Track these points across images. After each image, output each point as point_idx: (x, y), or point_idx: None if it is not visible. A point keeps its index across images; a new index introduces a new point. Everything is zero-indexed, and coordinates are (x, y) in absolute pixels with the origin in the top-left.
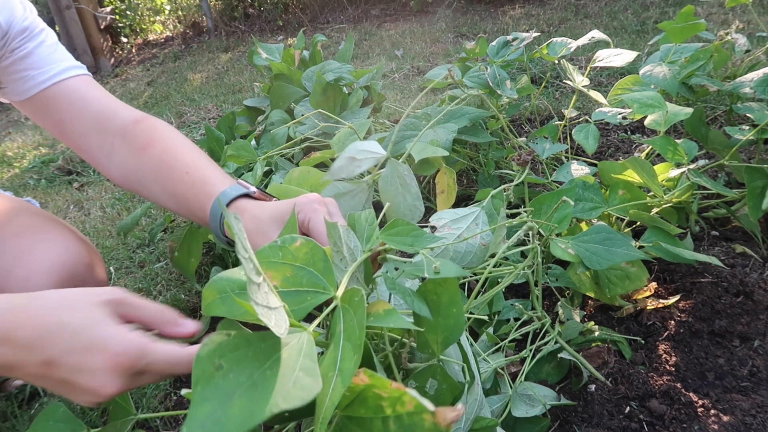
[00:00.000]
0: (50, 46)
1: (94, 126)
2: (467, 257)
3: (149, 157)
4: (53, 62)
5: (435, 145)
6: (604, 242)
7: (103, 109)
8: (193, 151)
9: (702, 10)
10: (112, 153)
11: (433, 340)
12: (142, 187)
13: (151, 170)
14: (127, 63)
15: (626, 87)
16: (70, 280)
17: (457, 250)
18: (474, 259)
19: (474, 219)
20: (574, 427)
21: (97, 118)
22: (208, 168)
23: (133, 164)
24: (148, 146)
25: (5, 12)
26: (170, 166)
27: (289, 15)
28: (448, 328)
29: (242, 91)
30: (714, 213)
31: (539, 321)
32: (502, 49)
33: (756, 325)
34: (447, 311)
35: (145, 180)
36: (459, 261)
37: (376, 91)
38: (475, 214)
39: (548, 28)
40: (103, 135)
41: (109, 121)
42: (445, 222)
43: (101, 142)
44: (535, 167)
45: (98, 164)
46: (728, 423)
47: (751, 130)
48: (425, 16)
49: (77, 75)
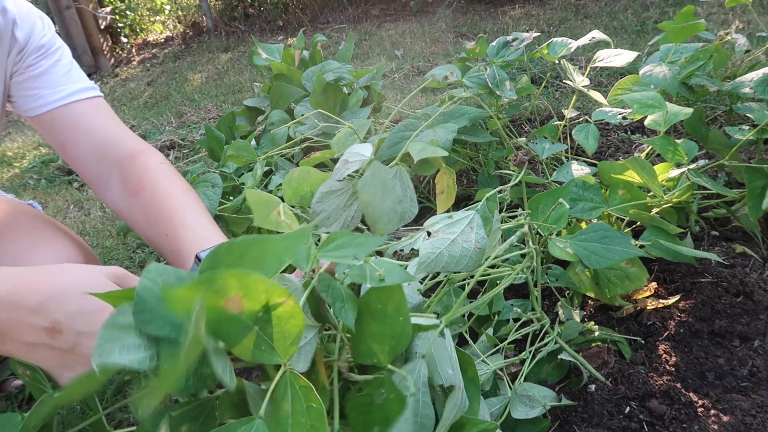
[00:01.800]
0: (65, 66)
1: (94, 154)
2: (463, 261)
3: (138, 205)
4: (65, 83)
5: (435, 145)
6: (603, 241)
7: (105, 138)
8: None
9: (702, 10)
10: (108, 185)
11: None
12: (132, 226)
13: (139, 218)
14: (127, 63)
15: (626, 87)
16: None
17: (452, 255)
18: (470, 262)
19: (468, 223)
20: (574, 427)
21: (97, 147)
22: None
23: (125, 206)
24: (139, 191)
25: (25, 27)
26: (153, 222)
27: (289, 15)
28: (395, 338)
29: (242, 91)
30: (714, 213)
31: (539, 322)
32: (502, 50)
33: (756, 325)
34: (393, 320)
35: (135, 224)
36: (455, 265)
37: (376, 91)
38: (470, 218)
39: (548, 28)
40: (101, 164)
41: (109, 151)
42: (440, 227)
43: (99, 171)
44: (535, 167)
45: (95, 190)
46: (728, 423)
47: (751, 130)
48: (425, 16)
49: (86, 98)
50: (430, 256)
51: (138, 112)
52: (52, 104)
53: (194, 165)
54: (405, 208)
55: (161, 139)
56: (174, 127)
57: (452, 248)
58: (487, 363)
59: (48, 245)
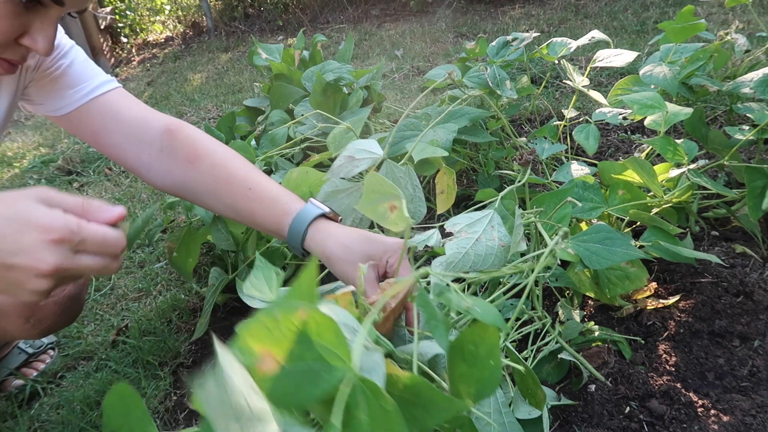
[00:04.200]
0: (82, 63)
1: (129, 137)
2: (489, 259)
3: (199, 172)
4: (86, 79)
5: (435, 145)
6: (604, 242)
7: (136, 119)
8: (244, 165)
9: (702, 10)
10: (151, 165)
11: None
12: (192, 196)
13: (204, 184)
14: (127, 63)
15: (626, 87)
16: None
17: (477, 254)
18: (495, 261)
19: (489, 221)
20: (574, 427)
21: (131, 129)
22: (269, 184)
23: (180, 176)
24: (196, 160)
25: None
26: (226, 182)
27: (289, 15)
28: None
29: (242, 91)
30: (714, 213)
31: (540, 321)
32: (502, 50)
33: (756, 325)
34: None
35: (197, 192)
36: (481, 264)
37: (376, 91)
38: (489, 217)
39: (548, 28)
40: (138, 145)
41: (143, 132)
42: (461, 227)
43: (138, 153)
44: (535, 167)
45: (138, 172)
46: (728, 423)
47: (751, 130)
48: (425, 16)
49: (109, 90)
50: (457, 255)
51: None
52: (79, 101)
53: None
54: (415, 207)
55: None
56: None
57: (477, 247)
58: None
59: None
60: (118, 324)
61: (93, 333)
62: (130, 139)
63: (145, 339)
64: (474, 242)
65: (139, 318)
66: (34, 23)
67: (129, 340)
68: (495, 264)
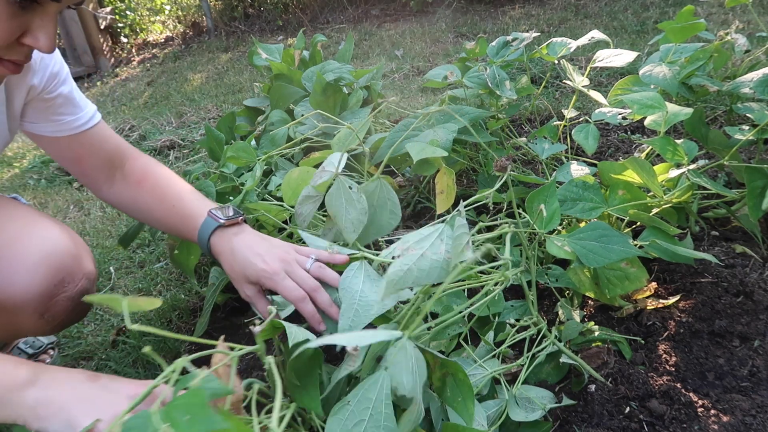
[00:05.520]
0: (77, 91)
1: (107, 163)
2: (433, 273)
3: (143, 192)
4: (81, 110)
5: (435, 145)
6: (601, 239)
7: (113, 151)
8: (177, 184)
9: (702, 10)
10: (113, 184)
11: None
12: (137, 214)
13: (145, 203)
14: (127, 63)
15: (626, 87)
16: (57, 272)
17: (421, 269)
18: (441, 273)
19: (438, 235)
20: (574, 427)
21: (107, 158)
22: (191, 201)
23: (131, 195)
24: (143, 181)
25: (40, 73)
26: (161, 200)
27: (289, 15)
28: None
29: (242, 91)
30: (714, 213)
31: (535, 326)
32: (502, 50)
33: (756, 325)
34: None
35: (140, 210)
36: (425, 278)
37: (376, 91)
38: (439, 231)
39: (548, 28)
40: (110, 170)
41: (116, 159)
42: (409, 245)
43: (108, 176)
44: (535, 167)
45: (97, 190)
46: (728, 423)
47: (751, 130)
48: (425, 16)
49: (98, 122)
50: (399, 273)
51: (138, 112)
52: (75, 130)
53: (194, 165)
54: (384, 220)
55: (161, 139)
56: (174, 127)
57: (421, 262)
58: (484, 368)
59: (36, 232)
60: (118, 324)
61: (93, 333)
62: (107, 166)
63: (145, 339)
64: (418, 258)
65: (139, 318)
66: (34, 21)
67: (129, 340)
68: (441, 276)
